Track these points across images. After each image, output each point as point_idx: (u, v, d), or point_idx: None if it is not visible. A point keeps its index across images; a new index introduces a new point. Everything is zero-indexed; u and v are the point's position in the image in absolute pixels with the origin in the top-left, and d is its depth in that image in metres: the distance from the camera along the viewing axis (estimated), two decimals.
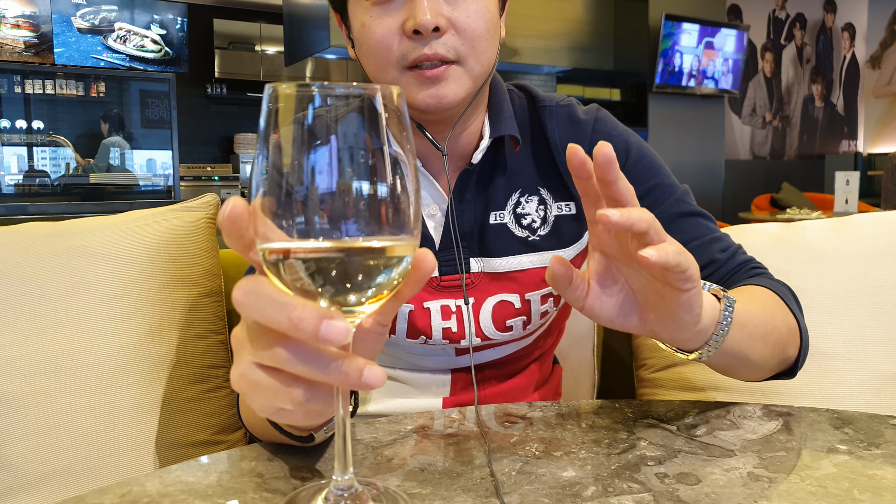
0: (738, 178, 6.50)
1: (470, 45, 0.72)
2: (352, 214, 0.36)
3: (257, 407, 0.41)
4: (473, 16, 0.71)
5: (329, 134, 0.36)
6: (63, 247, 0.90)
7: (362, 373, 0.37)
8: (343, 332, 0.35)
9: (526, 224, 0.82)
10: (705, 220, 0.82)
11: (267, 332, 0.38)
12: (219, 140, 6.40)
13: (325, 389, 0.40)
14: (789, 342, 0.70)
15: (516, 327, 0.83)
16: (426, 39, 0.70)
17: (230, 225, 0.37)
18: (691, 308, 0.52)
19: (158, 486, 0.51)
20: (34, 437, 0.83)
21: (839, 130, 7.65)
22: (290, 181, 0.36)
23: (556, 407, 0.69)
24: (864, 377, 1.00)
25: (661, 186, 0.82)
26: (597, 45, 5.19)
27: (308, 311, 0.35)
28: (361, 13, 0.73)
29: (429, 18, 0.68)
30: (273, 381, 0.39)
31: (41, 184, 3.82)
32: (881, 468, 0.53)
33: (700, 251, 0.78)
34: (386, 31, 0.71)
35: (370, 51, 0.72)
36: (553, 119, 0.84)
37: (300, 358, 0.37)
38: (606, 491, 0.50)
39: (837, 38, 7.54)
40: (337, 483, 0.43)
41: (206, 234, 1.00)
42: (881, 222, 1.09)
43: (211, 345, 0.97)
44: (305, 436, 0.54)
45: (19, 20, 5.13)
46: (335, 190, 0.36)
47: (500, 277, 0.82)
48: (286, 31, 4.41)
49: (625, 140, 0.84)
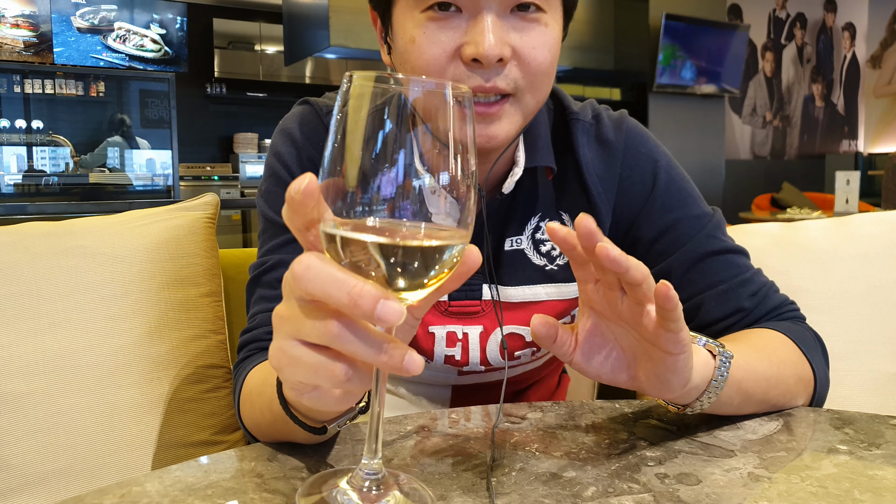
0: (738, 178, 6.50)
1: (531, 79, 0.65)
2: (413, 203, 0.38)
3: (292, 384, 0.41)
4: (540, 47, 0.64)
5: (399, 125, 0.38)
6: (62, 247, 0.90)
7: (405, 357, 0.38)
8: (398, 313, 0.36)
9: (545, 251, 0.77)
10: (737, 257, 0.75)
11: (319, 307, 0.38)
12: (218, 140, 6.39)
13: (365, 371, 0.40)
14: (797, 393, 0.67)
15: (525, 356, 0.80)
16: (486, 70, 0.62)
17: (302, 199, 0.38)
18: (680, 372, 0.52)
19: (158, 486, 0.51)
20: (34, 437, 0.83)
21: (839, 130, 7.65)
22: (357, 168, 0.38)
23: (556, 407, 0.69)
24: (864, 377, 1.00)
25: (690, 219, 0.75)
26: (597, 44, 5.18)
27: (367, 291, 0.36)
28: (412, 26, 0.64)
29: (494, 48, 0.60)
30: (316, 356, 0.39)
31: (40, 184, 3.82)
32: (882, 468, 0.53)
33: (727, 297, 0.73)
34: (440, 53, 0.63)
35: (416, 71, 0.65)
36: (584, 136, 0.78)
37: (351, 335, 0.38)
38: (607, 491, 0.50)
39: (838, 38, 7.54)
40: (365, 466, 0.44)
41: (206, 233, 1.00)
42: (881, 222, 1.09)
43: (211, 345, 0.97)
44: (319, 427, 0.54)
45: (19, 20, 5.12)
46: (399, 180, 0.38)
47: (513, 307, 0.77)
48: (286, 31, 4.41)
49: (653, 160, 0.78)
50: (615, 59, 5.28)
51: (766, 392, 0.64)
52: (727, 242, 0.76)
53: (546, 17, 0.65)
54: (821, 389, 0.70)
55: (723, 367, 0.57)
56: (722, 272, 0.74)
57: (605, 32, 5.22)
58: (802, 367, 0.68)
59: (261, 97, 6.38)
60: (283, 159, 0.76)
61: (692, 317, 0.74)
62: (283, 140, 0.77)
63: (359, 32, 3.89)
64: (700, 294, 0.74)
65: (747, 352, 0.62)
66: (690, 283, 0.74)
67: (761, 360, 0.64)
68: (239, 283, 1.09)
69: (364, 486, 0.44)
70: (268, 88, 6.38)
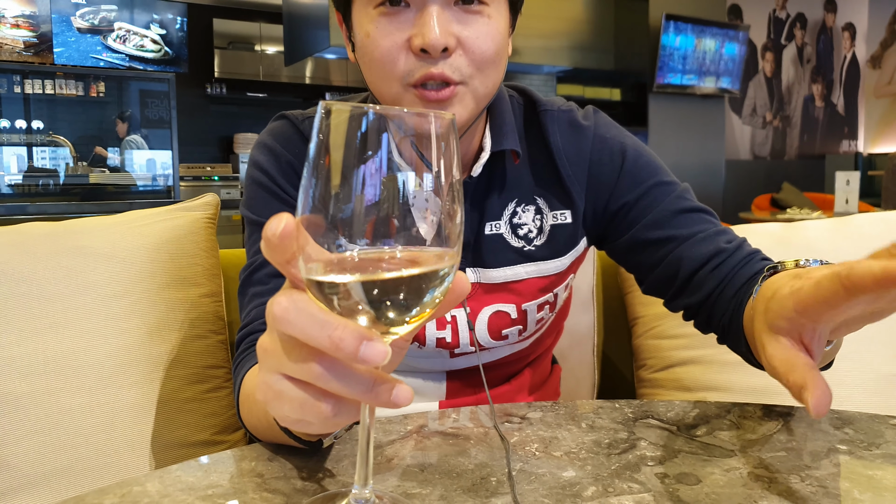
0: (738, 178, 6.50)
1: (477, 67, 0.69)
2: (398, 237, 0.36)
3: (280, 416, 0.41)
4: (483, 37, 0.69)
5: (378, 155, 0.36)
6: (63, 247, 0.90)
7: (392, 392, 0.37)
8: (381, 354, 0.35)
9: (522, 234, 0.81)
10: (708, 216, 0.81)
11: (301, 346, 0.37)
12: (218, 140, 6.40)
13: (352, 405, 0.40)
14: None
15: (512, 335, 0.83)
16: (433, 59, 0.67)
17: (280, 243, 0.36)
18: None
19: (158, 486, 0.51)
20: (34, 437, 0.83)
21: (839, 130, 7.65)
22: (337, 201, 0.36)
23: (556, 407, 0.69)
24: (864, 377, 1.00)
25: (662, 184, 0.81)
26: (597, 44, 5.19)
27: (349, 332, 0.35)
28: (367, 22, 0.69)
29: (438, 38, 0.65)
30: (301, 393, 0.38)
31: (41, 184, 3.82)
32: (881, 468, 0.53)
33: (706, 242, 0.77)
34: (392, 45, 0.68)
35: (374, 63, 0.69)
36: (555, 124, 0.82)
37: (333, 375, 0.37)
38: (606, 491, 0.50)
39: (838, 38, 7.54)
40: (356, 496, 0.44)
41: (206, 234, 1.00)
42: (881, 222, 1.09)
43: (211, 345, 0.97)
44: (314, 440, 0.54)
45: (19, 20, 5.12)
46: (382, 215, 0.36)
47: (497, 288, 0.81)
48: (286, 31, 4.41)
49: (620, 142, 0.83)
50: (615, 59, 5.28)
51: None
52: (698, 203, 0.81)
53: (489, 9, 0.69)
54: None
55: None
56: (696, 225, 0.78)
57: (605, 32, 5.23)
58: None
59: (261, 97, 6.38)
60: (262, 166, 0.79)
61: (674, 270, 0.77)
62: (260, 151, 0.80)
63: None
64: (679, 247, 0.78)
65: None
66: (668, 239, 0.78)
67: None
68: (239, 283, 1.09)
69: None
70: (268, 88, 6.38)
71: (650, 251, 0.79)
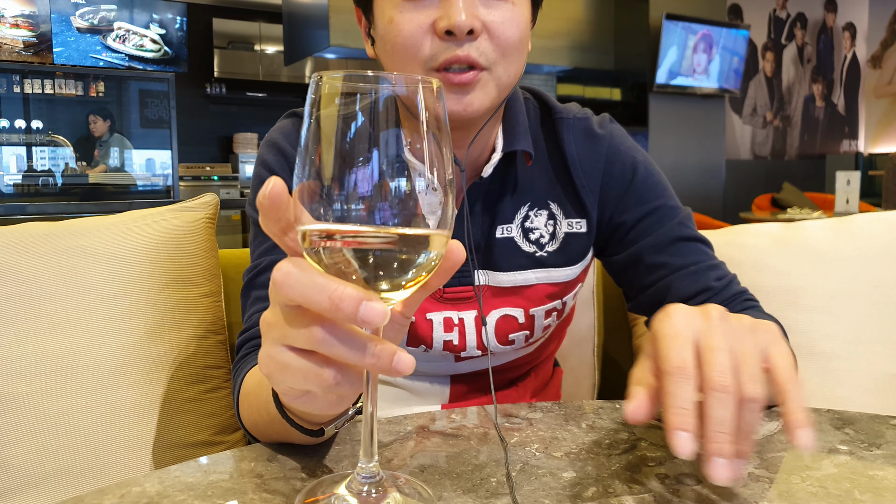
0: (738, 178, 6.50)
1: (501, 52, 0.69)
2: (389, 204, 0.37)
3: (283, 390, 0.41)
4: (508, 22, 0.69)
5: (370, 124, 0.37)
6: (63, 247, 0.90)
7: (393, 358, 0.37)
8: (381, 313, 0.36)
9: (534, 239, 0.81)
10: (704, 247, 0.81)
11: (302, 313, 0.38)
12: (218, 140, 6.39)
13: (355, 374, 0.40)
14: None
15: (518, 340, 0.82)
16: (459, 41, 0.67)
17: (270, 204, 0.37)
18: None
19: (158, 486, 0.51)
20: (33, 437, 0.82)
21: (840, 130, 7.65)
22: (331, 169, 0.37)
23: (556, 407, 0.69)
24: (864, 377, 1.00)
25: (665, 208, 0.81)
26: (597, 44, 5.18)
27: (348, 292, 0.36)
28: (389, 8, 0.69)
29: (464, 19, 0.65)
30: (304, 362, 0.39)
31: (40, 184, 3.82)
32: (882, 469, 0.53)
33: (696, 277, 0.78)
34: (416, 28, 0.67)
35: (396, 48, 0.69)
36: (570, 132, 0.82)
37: (336, 339, 0.37)
38: (607, 492, 0.50)
39: (838, 38, 7.54)
40: (362, 470, 0.44)
41: (206, 234, 1.00)
42: (882, 222, 1.09)
43: (210, 345, 0.97)
44: (316, 429, 0.54)
45: (18, 20, 5.12)
46: (375, 180, 0.37)
47: (505, 292, 0.81)
48: (286, 31, 4.41)
49: (632, 157, 0.83)
50: (615, 59, 5.28)
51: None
52: (696, 233, 0.82)
53: None
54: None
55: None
56: (693, 256, 0.79)
57: (605, 32, 5.22)
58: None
59: (261, 97, 6.38)
60: (269, 166, 0.78)
61: (662, 297, 0.79)
62: (268, 149, 0.80)
63: (358, 32, 3.86)
64: (671, 275, 0.79)
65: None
66: (662, 265, 0.79)
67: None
68: (239, 283, 1.08)
69: (363, 490, 0.44)
70: (267, 88, 6.38)
71: (643, 273, 0.80)
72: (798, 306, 1.03)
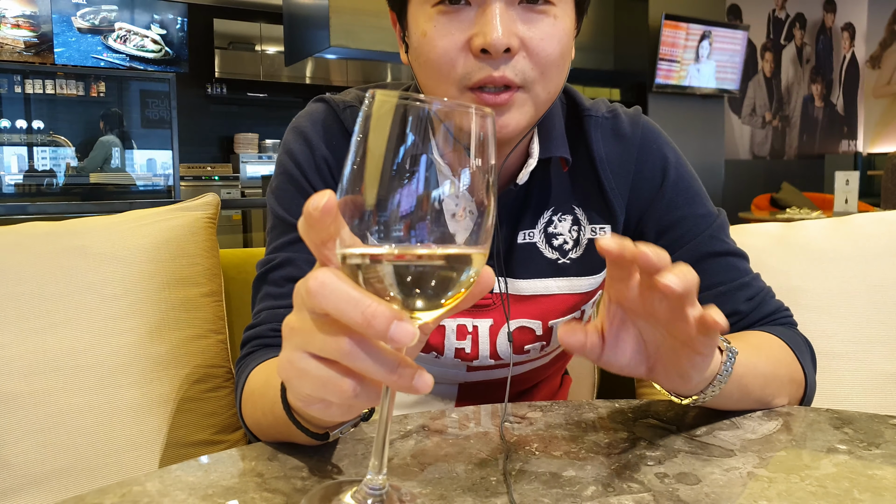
0: (738, 178, 6.50)
1: (540, 70, 0.65)
2: (431, 224, 0.38)
3: (299, 395, 0.41)
4: (549, 39, 0.64)
5: (420, 145, 0.37)
6: (63, 247, 0.90)
7: (414, 377, 0.38)
8: (411, 334, 0.36)
9: (557, 245, 0.77)
10: (736, 260, 0.76)
11: (331, 322, 0.38)
12: (219, 140, 6.40)
13: (373, 387, 0.40)
14: (789, 393, 0.69)
15: (533, 350, 0.80)
16: (495, 60, 0.63)
17: (320, 216, 0.37)
18: (701, 368, 0.52)
19: (158, 485, 0.51)
20: (34, 436, 0.83)
21: (839, 130, 7.65)
22: (377, 187, 0.37)
23: (555, 407, 0.69)
24: (864, 377, 1.00)
25: (695, 217, 0.76)
26: (597, 44, 5.18)
27: (381, 310, 0.36)
28: (424, 21, 0.65)
29: (501, 38, 0.61)
30: (325, 371, 0.39)
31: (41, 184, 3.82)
32: (881, 468, 0.53)
33: (725, 299, 0.73)
34: (450, 45, 0.63)
35: (429, 64, 0.65)
36: (598, 131, 0.78)
37: (361, 352, 0.38)
38: (606, 491, 0.50)
39: (837, 38, 7.54)
40: (369, 482, 0.44)
41: (206, 233, 1.00)
42: (881, 222, 1.09)
43: (211, 345, 0.97)
44: (321, 433, 0.54)
45: (19, 20, 5.12)
46: (420, 202, 0.37)
47: (524, 301, 0.77)
48: (286, 31, 4.41)
49: (663, 156, 0.78)
50: (615, 59, 5.28)
51: (763, 389, 0.65)
52: (729, 245, 0.77)
53: (555, 9, 0.65)
54: (809, 392, 0.71)
55: (728, 362, 0.57)
56: (721, 274, 0.75)
57: (605, 32, 5.23)
58: (795, 368, 0.70)
59: (261, 97, 6.38)
60: (296, 158, 0.74)
61: None
62: (295, 138, 0.76)
63: (359, 33, 3.89)
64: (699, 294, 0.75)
65: (747, 350, 0.63)
66: None
67: (760, 359, 0.65)
68: (239, 283, 1.09)
69: (367, 502, 0.44)
70: (268, 89, 6.39)
71: None
72: (797, 306, 1.03)
